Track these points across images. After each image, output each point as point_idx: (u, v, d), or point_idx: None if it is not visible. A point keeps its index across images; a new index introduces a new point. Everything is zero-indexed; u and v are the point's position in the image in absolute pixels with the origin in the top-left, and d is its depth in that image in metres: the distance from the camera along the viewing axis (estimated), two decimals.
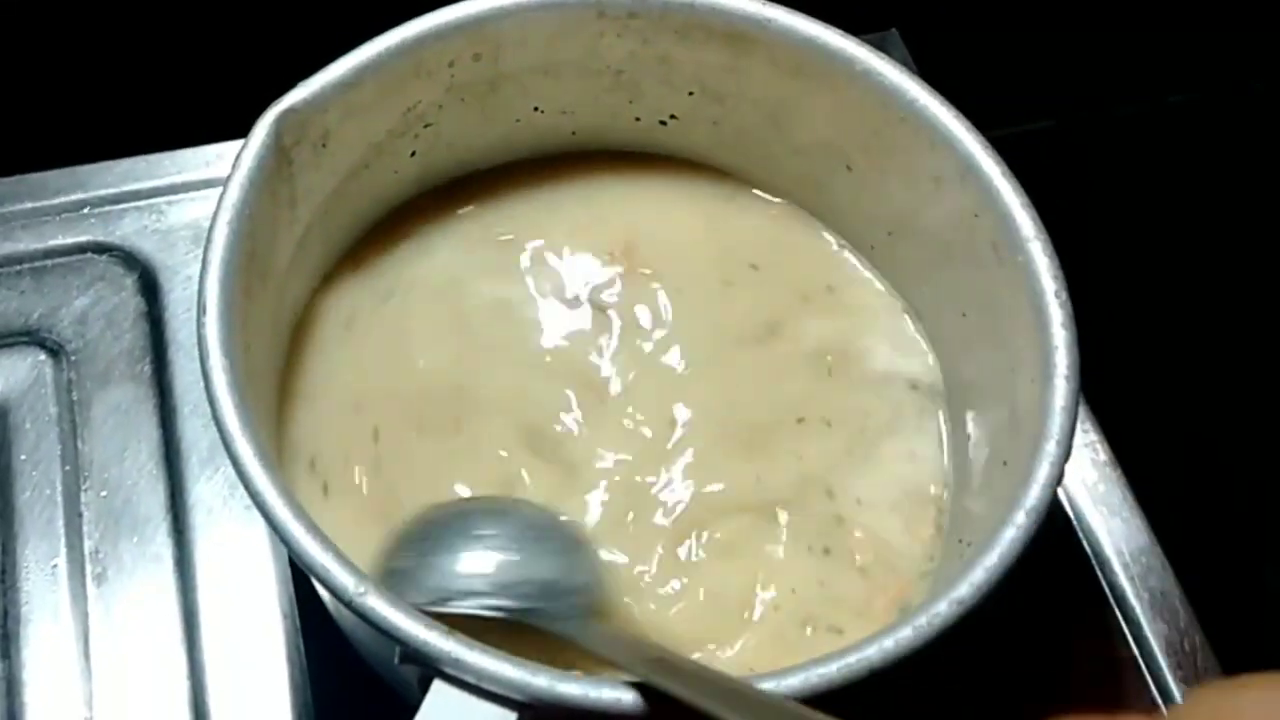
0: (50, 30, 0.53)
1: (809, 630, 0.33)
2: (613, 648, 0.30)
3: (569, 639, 0.30)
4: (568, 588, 0.32)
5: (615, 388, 0.37)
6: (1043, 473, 0.29)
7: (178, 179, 0.46)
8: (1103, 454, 0.43)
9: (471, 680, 0.26)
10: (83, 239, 0.45)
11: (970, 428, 0.35)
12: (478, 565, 0.31)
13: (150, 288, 0.44)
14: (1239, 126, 0.62)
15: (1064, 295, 0.31)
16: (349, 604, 0.27)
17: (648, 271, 0.39)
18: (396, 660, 0.28)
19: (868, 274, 0.39)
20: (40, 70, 0.54)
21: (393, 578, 0.31)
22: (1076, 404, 0.30)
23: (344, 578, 0.27)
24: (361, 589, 0.27)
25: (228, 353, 0.30)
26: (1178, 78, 0.62)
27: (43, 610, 0.38)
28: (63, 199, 0.46)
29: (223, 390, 0.29)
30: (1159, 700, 0.39)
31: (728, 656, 0.33)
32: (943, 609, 0.27)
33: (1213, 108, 0.63)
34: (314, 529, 0.28)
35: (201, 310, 0.30)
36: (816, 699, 0.26)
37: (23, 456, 0.41)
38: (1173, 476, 0.44)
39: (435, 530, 0.32)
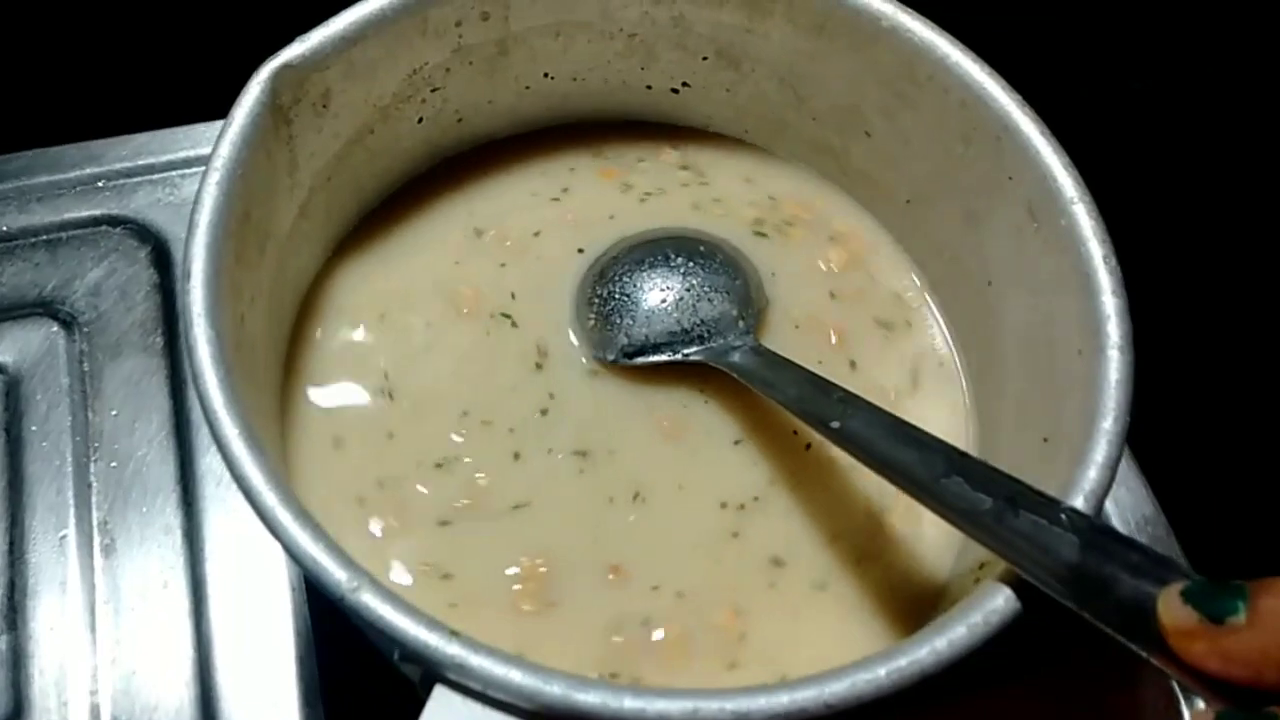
0: (66, 7, 0.46)
1: None
2: (780, 374, 0.27)
3: (740, 372, 0.27)
4: (741, 313, 0.29)
5: None
6: (1100, 454, 0.22)
7: (191, 153, 0.41)
8: None
9: (477, 688, 0.20)
10: (97, 212, 0.39)
11: (995, 401, 0.28)
12: (660, 324, 0.29)
13: (163, 260, 0.38)
14: (1196, 113, 0.55)
15: (1113, 261, 0.24)
16: (340, 602, 0.20)
17: None
18: (395, 658, 0.21)
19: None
20: (56, 47, 0.48)
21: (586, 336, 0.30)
22: (1132, 376, 0.23)
23: (336, 573, 0.20)
24: (354, 584, 0.20)
25: (214, 323, 0.23)
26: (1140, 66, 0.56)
27: (50, 582, 0.33)
28: (78, 173, 0.40)
29: (207, 363, 0.23)
30: None
31: None
32: (1000, 604, 0.20)
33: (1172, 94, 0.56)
34: (304, 516, 0.21)
35: (185, 276, 0.23)
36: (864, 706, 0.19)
37: (33, 428, 0.35)
38: (1176, 450, 0.37)
39: (615, 284, 0.30)
